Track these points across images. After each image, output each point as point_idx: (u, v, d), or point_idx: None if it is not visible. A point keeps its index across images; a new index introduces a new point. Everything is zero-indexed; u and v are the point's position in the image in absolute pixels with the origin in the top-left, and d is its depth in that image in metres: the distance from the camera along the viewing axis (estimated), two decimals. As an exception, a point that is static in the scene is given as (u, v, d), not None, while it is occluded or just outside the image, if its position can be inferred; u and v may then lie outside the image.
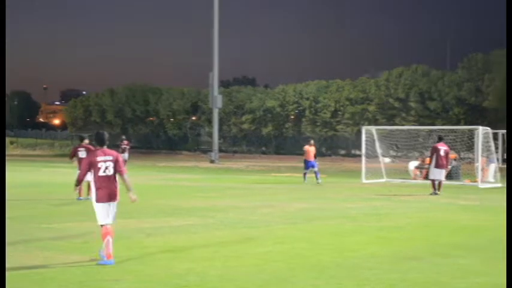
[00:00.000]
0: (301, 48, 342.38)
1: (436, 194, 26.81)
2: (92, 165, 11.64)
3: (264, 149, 78.23)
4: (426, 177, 36.21)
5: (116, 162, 11.74)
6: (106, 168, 11.64)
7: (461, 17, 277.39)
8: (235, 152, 78.55)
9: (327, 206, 22.12)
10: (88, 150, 23.42)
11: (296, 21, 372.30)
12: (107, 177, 11.64)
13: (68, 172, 36.33)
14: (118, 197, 11.81)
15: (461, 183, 33.50)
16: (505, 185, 32.08)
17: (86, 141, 23.89)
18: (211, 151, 62.06)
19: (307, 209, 20.86)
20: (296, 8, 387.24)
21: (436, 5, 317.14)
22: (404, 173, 37.90)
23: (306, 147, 33.57)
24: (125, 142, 48.68)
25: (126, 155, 46.32)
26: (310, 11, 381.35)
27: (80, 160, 23.43)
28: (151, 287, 9.83)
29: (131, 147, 52.76)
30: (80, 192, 22.84)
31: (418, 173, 37.09)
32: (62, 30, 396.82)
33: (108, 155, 11.76)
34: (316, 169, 32.60)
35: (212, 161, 58.45)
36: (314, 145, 33.95)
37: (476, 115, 58.96)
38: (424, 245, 13.99)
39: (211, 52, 61.52)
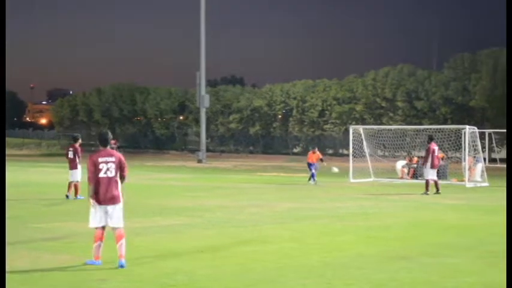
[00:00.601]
0: (289, 47, 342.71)
1: (439, 193, 26.72)
2: (95, 166, 11.22)
3: (251, 148, 78.18)
4: (414, 176, 36.41)
5: (118, 164, 11.39)
6: (107, 169, 11.25)
7: (447, 16, 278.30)
8: (222, 151, 78.46)
9: (315, 205, 22.11)
10: (75, 151, 23.37)
11: (284, 22, 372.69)
12: (107, 178, 11.23)
13: (55, 172, 36.25)
14: (120, 200, 11.34)
15: (449, 182, 33.56)
16: (492, 185, 32.19)
17: (80, 141, 23.89)
18: (198, 151, 61.98)
19: (295, 209, 20.84)
20: (284, 8, 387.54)
21: (422, 4, 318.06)
22: (392, 173, 37.95)
23: (310, 153, 33.45)
24: (112, 141, 47.21)
25: None
26: (297, 11, 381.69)
27: (70, 161, 23.37)
28: (140, 287, 9.80)
29: (118, 147, 51.88)
30: (73, 192, 22.84)
31: (405, 172, 37.16)
32: (48, 29, 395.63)
33: (111, 155, 11.41)
34: (314, 171, 32.37)
35: (199, 161, 58.38)
36: (317, 152, 33.48)
37: (463, 114, 59.12)
38: (412, 244, 14.00)
39: (198, 52, 61.49)
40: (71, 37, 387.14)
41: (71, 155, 23.20)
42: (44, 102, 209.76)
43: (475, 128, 35.52)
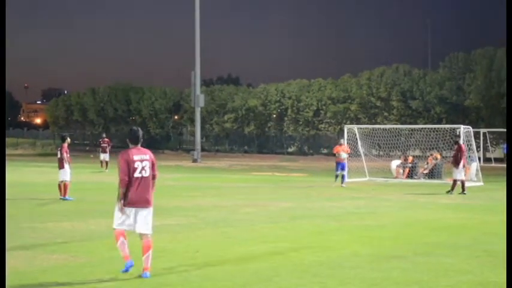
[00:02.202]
0: (284, 47, 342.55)
1: (464, 193, 26.75)
2: (128, 164, 10.35)
3: (246, 148, 78.17)
4: (409, 176, 36.46)
5: (152, 162, 10.62)
6: (143, 168, 10.46)
7: (442, 16, 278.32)
8: (217, 151, 78.45)
9: (310, 205, 22.13)
10: (61, 151, 23.24)
11: (279, 22, 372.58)
12: (143, 178, 10.46)
13: (50, 171, 36.16)
14: (152, 203, 10.75)
15: (443, 181, 33.60)
16: (487, 184, 32.25)
17: (68, 140, 23.87)
18: (193, 150, 61.94)
19: (290, 208, 20.86)
20: (280, 8, 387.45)
21: (417, 4, 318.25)
22: (387, 172, 37.99)
23: (337, 146, 32.13)
24: (106, 140, 45.14)
25: (107, 154, 43.03)
26: (293, 12, 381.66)
27: (58, 160, 23.22)
28: (134, 286, 9.80)
29: (113, 146, 51.05)
30: (63, 192, 22.84)
31: (400, 171, 37.21)
32: (42, 29, 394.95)
33: (145, 153, 10.62)
34: (345, 172, 31.36)
35: (195, 160, 58.35)
36: (345, 145, 32.17)
37: (458, 114, 59.20)
38: (406, 243, 14.02)
39: (193, 51, 61.44)
40: (66, 36, 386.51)
41: (59, 154, 23.24)
42: (38, 102, 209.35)
43: (470, 127, 35.58)
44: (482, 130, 52.10)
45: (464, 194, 26.77)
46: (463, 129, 33.39)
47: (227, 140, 79.66)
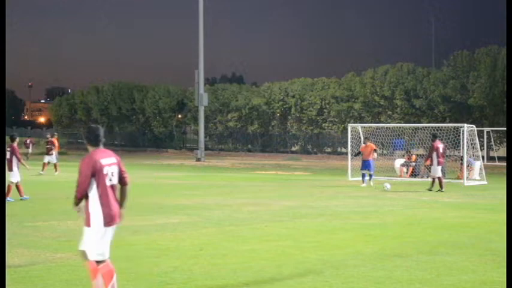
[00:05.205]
0: (288, 46, 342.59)
1: (442, 191, 26.94)
2: (97, 171, 8.40)
3: (249, 146, 78.10)
4: (412, 174, 36.46)
5: (120, 167, 8.82)
6: (112, 174, 8.59)
7: (446, 14, 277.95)
8: (221, 149, 78.41)
9: (313, 203, 22.13)
10: (12, 151, 21.89)
11: (283, 20, 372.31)
12: (114, 187, 8.65)
13: (51, 170, 36.19)
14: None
15: (447, 180, 33.56)
16: (490, 183, 32.21)
17: (17, 140, 22.66)
18: (197, 149, 61.98)
19: (293, 207, 20.86)
20: (284, 6, 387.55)
21: (421, 2, 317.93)
22: (391, 171, 37.97)
23: (362, 147, 31.92)
24: (51, 141, 37.94)
25: (53, 156, 37.13)
26: (297, 10, 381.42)
27: (8, 161, 21.77)
28: (137, 285, 9.81)
29: (60, 148, 47.03)
30: (12, 192, 21.86)
31: (404, 170, 37.18)
32: (46, 27, 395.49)
33: (111, 156, 8.74)
34: (372, 171, 30.83)
35: (198, 159, 58.37)
36: (370, 143, 31.36)
37: (462, 113, 59.08)
38: (410, 242, 14.01)
39: (197, 50, 61.51)
40: (70, 35, 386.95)
41: (8, 155, 21.69)
42: (42, 101, 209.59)
43: (474, 126, 35.53)
44: (486, 129, 52.00)
45: (442, 191, 26.94)
46: (466, 128, 33.36)
47: (230, 139, 79.59)
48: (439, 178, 27.69)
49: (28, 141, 59.37)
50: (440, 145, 28.31)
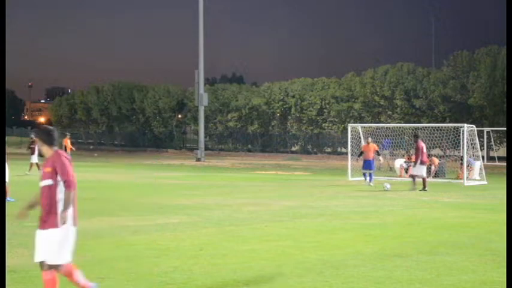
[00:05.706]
0: (288, 46, 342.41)
1: (425, 190, 27.18)
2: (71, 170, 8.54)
3: (249, 146, 78.13)
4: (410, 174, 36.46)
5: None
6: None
7: (446, 14, 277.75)
8: (221, 149, 78.44)
9: (313, 203, 22.12)
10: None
11: (283, 20, 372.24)
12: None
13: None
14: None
15: (447, 180, 33.58)
16: (490, 183, 32.21)
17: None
18: (197, 149, 62.00)
19: (293, 207, 20.85)
20: (284, 6, 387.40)
21: (421, 2, 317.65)
22: (391, 171, 37.96)
23: (364, 146, 32.45)
24: (36, 140, 38.15)
25: (35, 156, 37.65)
26: (297, 10, 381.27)
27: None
28: (137, 285, 9.80)
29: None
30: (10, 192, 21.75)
31: (404, 170, 37.18)
32: (47, 26, 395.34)
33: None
34: (372, 171, 31.12)
35: (198, 159, 58.38)
36: (372, 143, 31.89)
37: (462, 113, 59.10)
38: (410, 242, 14.01)
39: (197, 50, 61.54)
40: (70, 35, 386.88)
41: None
42: (42, 101, 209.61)
43: (474, 126, 35.54)
44: (486, 129, 52.03)
45: (425, 190, 27.28)
46: (466, 128, 33.36)
47: (230, 139, 79.61)
48: (423, 178, 27.96)
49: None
50: (423, 144, 28.68)
